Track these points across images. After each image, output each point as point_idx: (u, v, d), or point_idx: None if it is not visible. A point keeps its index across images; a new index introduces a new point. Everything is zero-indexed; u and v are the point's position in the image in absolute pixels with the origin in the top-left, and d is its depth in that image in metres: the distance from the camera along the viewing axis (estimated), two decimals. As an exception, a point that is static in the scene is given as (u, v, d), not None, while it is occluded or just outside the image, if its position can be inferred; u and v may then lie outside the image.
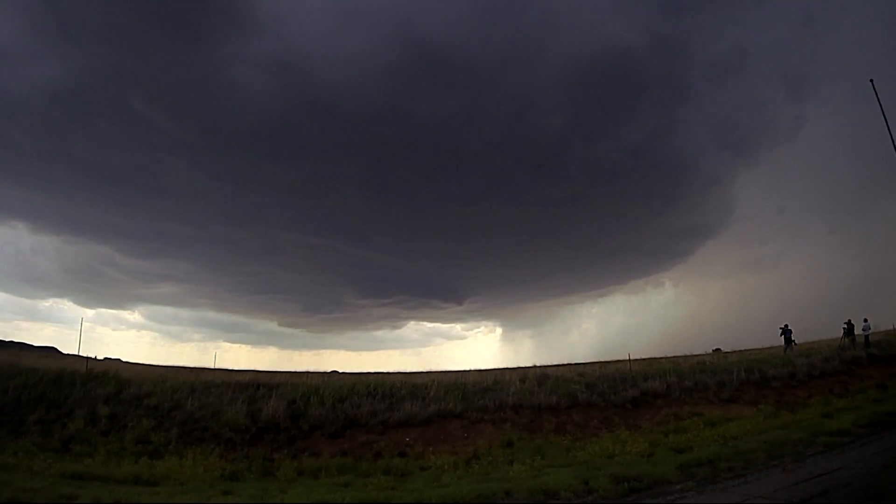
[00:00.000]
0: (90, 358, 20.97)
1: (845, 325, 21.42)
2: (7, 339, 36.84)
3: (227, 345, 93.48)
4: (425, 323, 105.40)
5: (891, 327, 22.88)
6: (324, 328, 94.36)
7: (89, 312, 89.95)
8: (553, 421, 12.79)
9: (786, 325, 21.60)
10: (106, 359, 30.83)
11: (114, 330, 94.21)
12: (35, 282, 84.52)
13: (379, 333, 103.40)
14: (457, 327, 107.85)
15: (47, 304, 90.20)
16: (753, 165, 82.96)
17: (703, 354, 25.43)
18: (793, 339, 21.22)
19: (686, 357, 23.45)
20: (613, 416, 13.19)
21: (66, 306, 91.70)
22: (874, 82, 19.87)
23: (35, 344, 37.63)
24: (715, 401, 14.10)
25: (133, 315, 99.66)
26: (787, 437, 9.69)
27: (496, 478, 8.63)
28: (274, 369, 27.85)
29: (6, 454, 9.87)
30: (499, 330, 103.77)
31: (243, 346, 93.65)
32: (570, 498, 7.01)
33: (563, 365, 24.48)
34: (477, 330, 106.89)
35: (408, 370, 24.59)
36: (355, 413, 12.55)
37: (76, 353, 29.14)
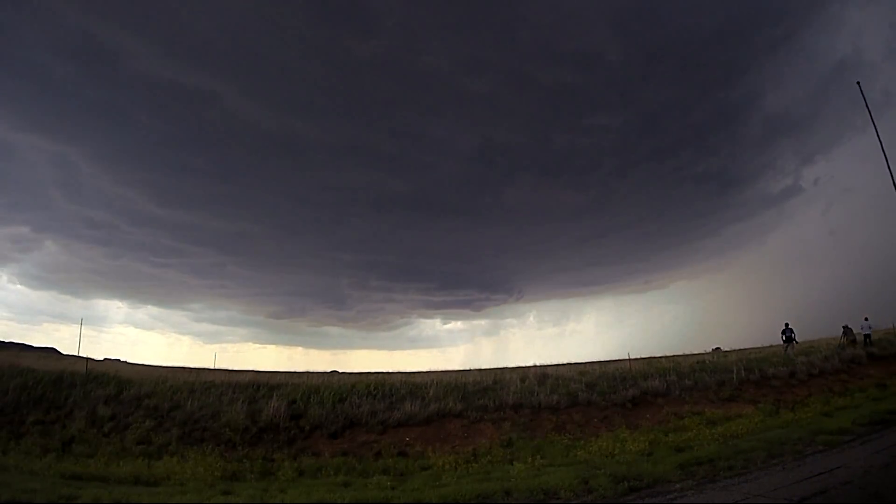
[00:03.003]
0: (90, 358, 20.98)
1: (845, 326, 21.42)
2: (7, 340, 36.88)
3: (255, 345, 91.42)
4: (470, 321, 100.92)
5: (890, 326, 22.91)
6: (366, 327, 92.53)
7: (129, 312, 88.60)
8: (553, 420, 12.79)
9: (787, 325, 21.59)
10: (106, 359, 30.90)
11: (148, 330, 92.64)
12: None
13: (414, 332, 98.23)
14: (502, 321, 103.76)
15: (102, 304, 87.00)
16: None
17: (703, 353, 25.46)
18: (794, 338, 21.17)
19: (686, 356, 23.46)
20: (613, 415, 13.19)
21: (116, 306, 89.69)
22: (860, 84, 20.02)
23: (36, 345, 37.70)
24: (715, 400, 14.10)
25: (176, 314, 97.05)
26: (786, 435, 9.68)
27: (496, 477, 8.63)
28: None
29: (6, 455, 9.89)
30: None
31: (273, 346, 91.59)
32: (570, 497, 7.01)
33: (563, 364, 24.49)
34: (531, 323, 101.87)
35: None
36: (355, 413, 12.55)
37: (78, 353, 29.13)
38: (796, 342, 21.05)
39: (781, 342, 21.21)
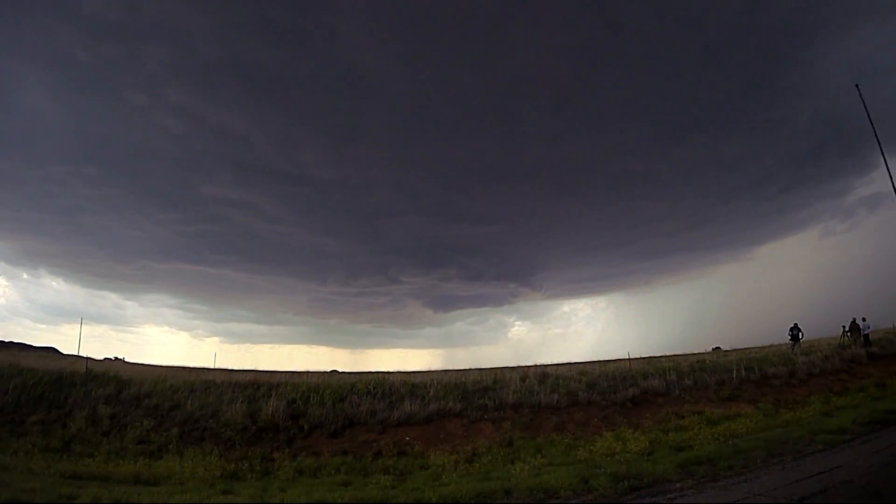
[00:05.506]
0: (90, 358, 21.01)
1: (845, 326, 21.41)
2: (7, 340, 36.92)
3: (275, 346, 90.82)
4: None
5: (890, 326, 22.92)
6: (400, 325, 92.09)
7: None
8: (553, 419, 12.79)
9: (795, 324, 21.61)
10: (106, 359, 30.95)
11: (178, 330, 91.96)
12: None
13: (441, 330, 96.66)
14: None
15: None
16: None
17: (703, 353, 25.49)
18: (801, 338, 21.22)
19: (686, 355, 23.48)
20: (614, 414, 13.19)
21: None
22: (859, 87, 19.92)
23: (37, 345, 37.76)
24: (715, 399, 14.10)
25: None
26: (786, 435, 9.68)
27: (496, 477, 8.63)
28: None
29: (6, 454, 9.88)
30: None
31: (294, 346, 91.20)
32: (570, 497, 7.01)
33: (564, 364, 24.50)
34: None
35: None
36: (355, 412, 12.55)
37: (78, 353, 29.18)
38: (802, 336, 21.14)
39: (788, 340, 21.28)
